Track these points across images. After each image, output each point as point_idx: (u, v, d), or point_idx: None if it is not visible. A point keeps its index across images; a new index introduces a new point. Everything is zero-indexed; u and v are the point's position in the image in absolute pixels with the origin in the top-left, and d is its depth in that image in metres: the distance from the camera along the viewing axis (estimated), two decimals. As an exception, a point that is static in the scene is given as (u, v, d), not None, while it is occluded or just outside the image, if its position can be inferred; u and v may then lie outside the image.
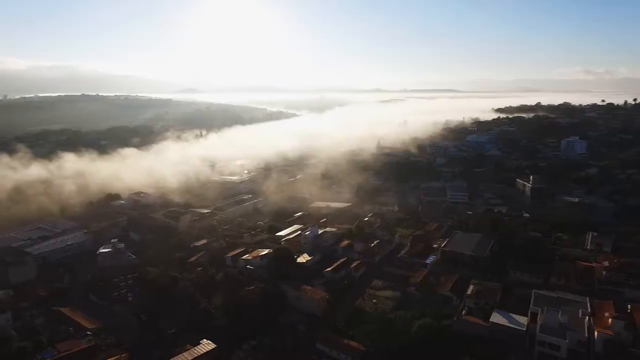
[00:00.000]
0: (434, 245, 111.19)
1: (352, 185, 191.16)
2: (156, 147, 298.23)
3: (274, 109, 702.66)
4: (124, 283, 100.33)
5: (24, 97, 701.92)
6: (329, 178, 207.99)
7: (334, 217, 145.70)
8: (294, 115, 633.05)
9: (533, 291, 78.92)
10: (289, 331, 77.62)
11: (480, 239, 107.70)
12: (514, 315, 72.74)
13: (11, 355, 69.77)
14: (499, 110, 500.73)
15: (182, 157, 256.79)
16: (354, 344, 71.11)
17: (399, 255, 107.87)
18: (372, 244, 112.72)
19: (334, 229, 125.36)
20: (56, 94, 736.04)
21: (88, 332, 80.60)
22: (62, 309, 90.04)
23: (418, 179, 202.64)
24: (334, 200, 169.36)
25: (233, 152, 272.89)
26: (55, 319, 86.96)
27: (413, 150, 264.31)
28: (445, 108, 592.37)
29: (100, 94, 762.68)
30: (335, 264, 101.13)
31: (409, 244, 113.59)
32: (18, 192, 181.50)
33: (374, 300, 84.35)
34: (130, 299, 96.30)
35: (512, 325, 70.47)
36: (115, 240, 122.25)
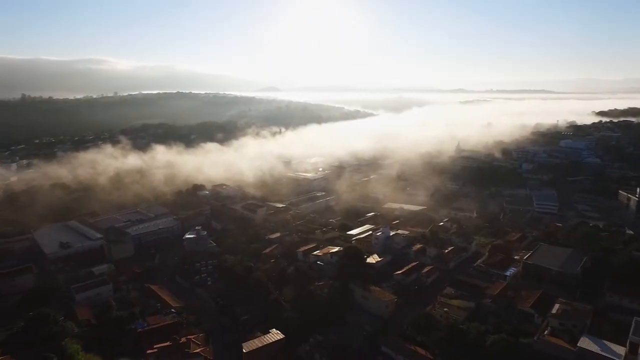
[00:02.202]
0: (515, 257, 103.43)
1: (428, 188, 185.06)
2: (237, 143, 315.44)
3: (351, 108, 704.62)
4: (204, 268, 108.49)
5: (131, 94, 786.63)
6: (403, 179, 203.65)
7: (407, 219, 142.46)
8: (370, 114, 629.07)
9: (634, 319, 69.54)
10: (355, 330, 77.81)
11: (570, 255, 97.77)
12: (607, 343, 64.88)
13: (110, 321, 79.11)
14: (601, 113, 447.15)
15: (260, 153, 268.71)
16: (421, 351, 69.02)
17: (475, 264, 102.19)
18: (447, 250, 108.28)
19: (406, 232, 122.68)
20: (156, 92, 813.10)
21: (172, 310, 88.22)
22: (152, 286, 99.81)
23: (501, 185, 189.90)
24: (407, 202, 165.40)
25: (308, 150, 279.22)
26: (146, 295, 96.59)
27: (496, 154, 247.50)
28: (536, 110, 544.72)
29: (193, 92, 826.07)
30: (406, 268, 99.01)
31: (487, 253, 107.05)
32: (118, 179, 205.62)
33: (446, 309, 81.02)
34: (209, 283, 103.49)
35: (605, 354, 62.88)
36: (199, 227, 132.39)
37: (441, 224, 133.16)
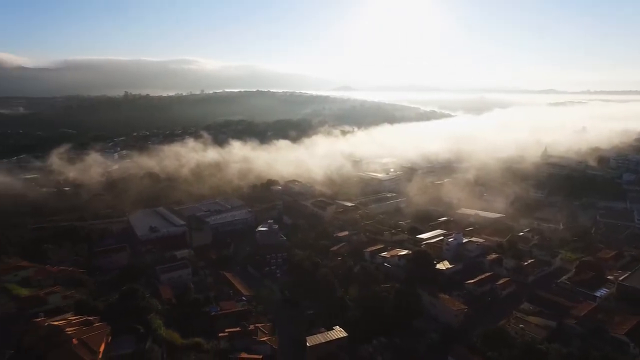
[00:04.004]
0: (609, 277, 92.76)
1: (508, 195, 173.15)
2: (308, 141, 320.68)
3: (427, 109, 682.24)
4: (274, 260, 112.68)
5: (215, 92, 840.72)
6: (480, 185, 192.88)
7: (482, 227, 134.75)
8: (447, 115, 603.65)
9: None
10: (420, 337, 75.62)
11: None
12: None
13: (188, 303, 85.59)
14: None
15: (330, 151, 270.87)
16: (491, 367, 64.99)
17: (559, 281, 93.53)
18: (526, 263, 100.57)
19: (481, 240, 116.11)
20: (237, 90, 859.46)
21: (243, 298, 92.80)
22: (226, 274, 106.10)
23: (594, 196, 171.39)
24: (484, 209, 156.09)
25: (379, 150, 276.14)
26: (220, 281, 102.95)
27: (591, 162, 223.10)
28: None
29: (271, 90, 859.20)
30: (480, 277, 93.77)
31: (573, 270, 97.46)
32: (199, 171, 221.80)
33: (522, 325, 75.34)
34: (278, 275, 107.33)
35: None
36: (271, 221, 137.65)
37: (521, 234, 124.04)
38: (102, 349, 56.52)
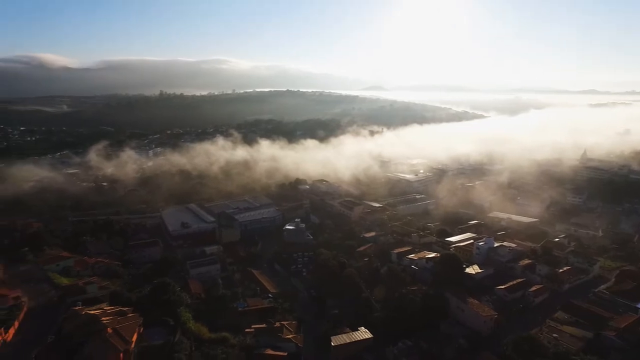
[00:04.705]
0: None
1: (543, 199, 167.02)
2: (336, 141, 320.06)
3: (459, 109, 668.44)
4: (301, 259, 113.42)
5: (246, 91, 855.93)
6: (513, 188, 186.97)
7: (515, 231, 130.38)
8: (480, 116, 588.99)
9: None
10: (448, 341, 74.02)
11: None
12: None
13: (216, 298, 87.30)
14: None
15: (359, 151, 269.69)
16: (522, 377, 62.82)
17: (597, 290, 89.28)
18: (561, 270, 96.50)
19: (513, 245, 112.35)
20: (267, 89, 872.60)
21: (270, 295, 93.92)
22: (253, 271, 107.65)
23: (638, 202, 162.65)
24: (517, 213, 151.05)
25: (408, 151, 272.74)
26: (247, 278, 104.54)
27: (635, 166, 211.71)
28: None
29: (301, 90, 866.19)
30: (511, 283, 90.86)
31: (613, 279, 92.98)
32: (228, 169, 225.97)
33: (555, 335, 72.33)
34: (304, 274, 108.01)
35: None
36: (299, 220, 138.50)
37: (556, 240, 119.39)
38: (134, 339, 58.67)
